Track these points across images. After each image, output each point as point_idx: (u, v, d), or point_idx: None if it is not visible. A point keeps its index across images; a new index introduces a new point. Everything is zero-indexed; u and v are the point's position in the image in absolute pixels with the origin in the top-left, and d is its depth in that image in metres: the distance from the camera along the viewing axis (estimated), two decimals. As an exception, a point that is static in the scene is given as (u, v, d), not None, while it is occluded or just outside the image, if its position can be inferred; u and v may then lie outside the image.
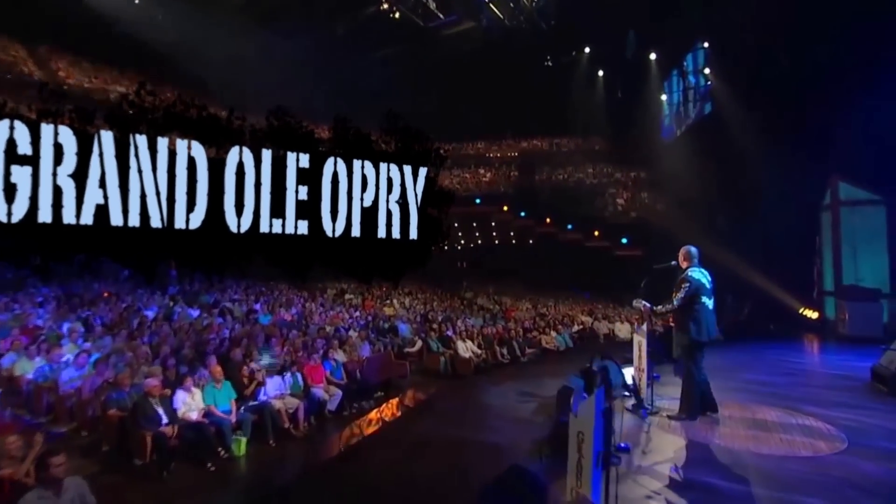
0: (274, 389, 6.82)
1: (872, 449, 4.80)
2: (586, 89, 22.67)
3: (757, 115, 13.46)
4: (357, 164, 7.30)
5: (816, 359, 9.85)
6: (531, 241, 23.96)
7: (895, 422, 5.72)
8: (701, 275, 5.87)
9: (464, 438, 5.65)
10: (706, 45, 16.78)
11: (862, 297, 11.67)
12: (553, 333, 12.94)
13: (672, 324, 6.26)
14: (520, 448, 5.04)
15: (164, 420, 5.27)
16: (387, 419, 6.88)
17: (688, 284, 5.69)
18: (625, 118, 21.85)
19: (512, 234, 25.02)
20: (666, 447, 4.93)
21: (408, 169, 8.35)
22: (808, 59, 12.37)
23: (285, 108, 7.05)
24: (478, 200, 24.32)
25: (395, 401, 7.49)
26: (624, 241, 20.93)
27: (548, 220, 23.41)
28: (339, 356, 8.84)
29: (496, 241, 25.49)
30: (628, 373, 7.44)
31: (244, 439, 5.70)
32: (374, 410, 7.26)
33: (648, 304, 6.06)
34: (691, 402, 5.83)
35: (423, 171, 9.00)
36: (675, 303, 5.70)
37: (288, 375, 7.21)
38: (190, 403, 5.67)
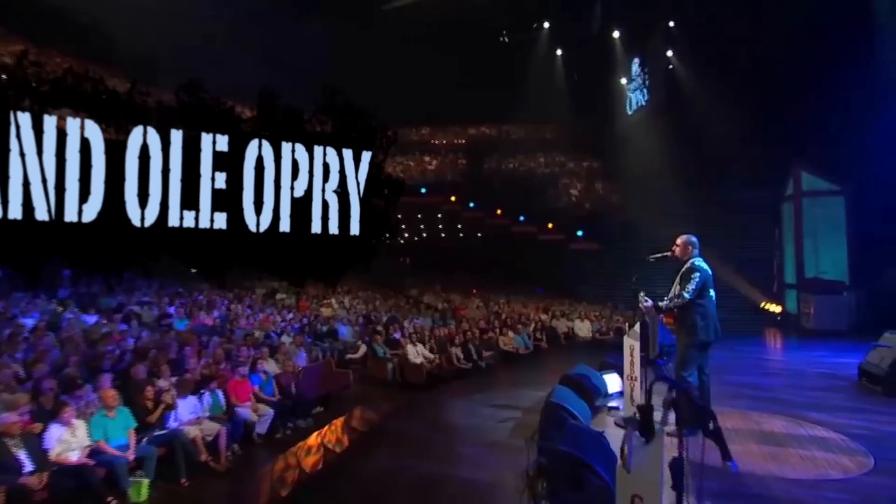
0: (188, 413, 5.95)
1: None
2: (542, 70, 22.48)
3: (720, 102, 13.76)
4: (286, 147, 6.60)
5: (793, 356, 10.07)
6: (480, 234, 23.72)
7: None
8: (707, 265, 5.56)
9: (433, 475, 4.90)
10: (671, 24, 16.95)
11: (827, 290, 12.15)
12: (511, 334, 12.65)
13: (666, 319, 5.88)
14: (506, 486, 4.43)
15: (28, 467, 4.27)
16: (331, 446, 6.17)
17: (697, 274, 5.27)
18: (581, 103, 21.97)
19: (460, 226, 24.67)
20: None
21: (348, 153, 7.71)
22: (773, 46, 12.74)
23: (200, 80, 6.31)
24: (423, 190, 23.78)
25: (339, 421, 6.82)
26: (579, 233, 21.06)
27: (498, 211, 23.24)
28: (271, 367, 8.04)
29: (443, 234, 25.07)
30: (610, 380, 7.25)
31: (146, 480, 4.76)
32: (315, 434, 6.52)
33: (650, 300, 5.53)
34: (692, 411, 5.55)
35: (366, 156, 8.36)
36: (687, 295, 5.23)
37: (206, 394, 6.35)
38: (69, 441, 4.68)
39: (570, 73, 22.13)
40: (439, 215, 24.80)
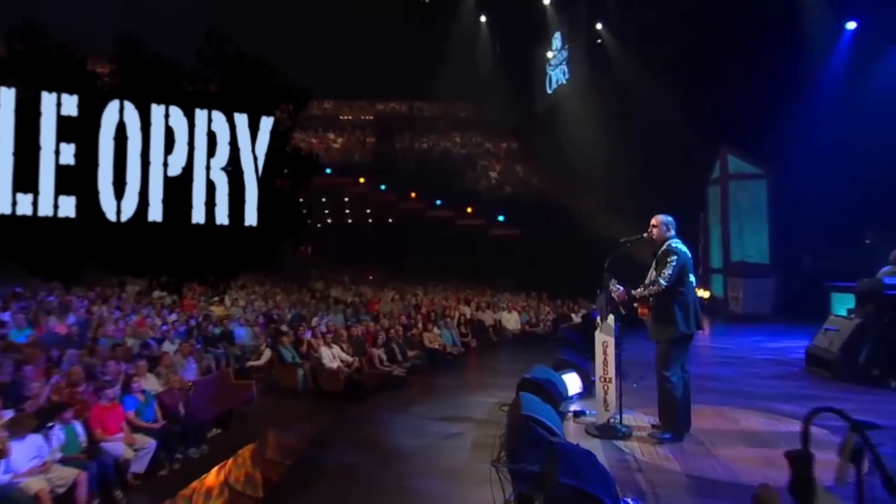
0: (27, 458, 4.55)
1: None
2: (463, 40, 21.79)
3: (649, 80, 13.98)
4: (157, 111, 5.50)
5: (733, 342, 10.34)
6: (392, 220, 22.89)
7: (879, 416, 5.71)
8: (686, 247, 5.21)
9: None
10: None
11: (754, 274, 12.84)
12: (436, 330, 11.98)
13: (642, 310, 5.49)
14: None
15: None
16: (239, 486, 5.05)
17: (675, 257, 4.96)
18: (502, 79, 21.75)
19: (369, 210, 23.67)
20: (677, 493, 4.17)
21: (241, 119, 6.67)
22: (701, 25, 13.05)
23: (39, 24, 5.11)
24: (328, 170, 22.38)
25: (247, 451, 5.68)
26: (500, 218, 20.97)
27: (412, 194, 22.53)
28: (150, 384, 6.70)
29: (350, 220, 23.91)
30: (569, 381, 6.81)
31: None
32: (216, 470, 5.35)
33: (621, 287, 5.21)
34: (674, 415, 5.14)
35: (266, 124, 7.28)
36: (663, 282, 4.92)
37: (57, 428, 4.98)
38: None
39: (493, 44, 21.75)
40: (346, 199, 23.61)
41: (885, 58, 12.26)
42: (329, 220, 24.00)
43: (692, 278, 5.25)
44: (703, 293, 14.97)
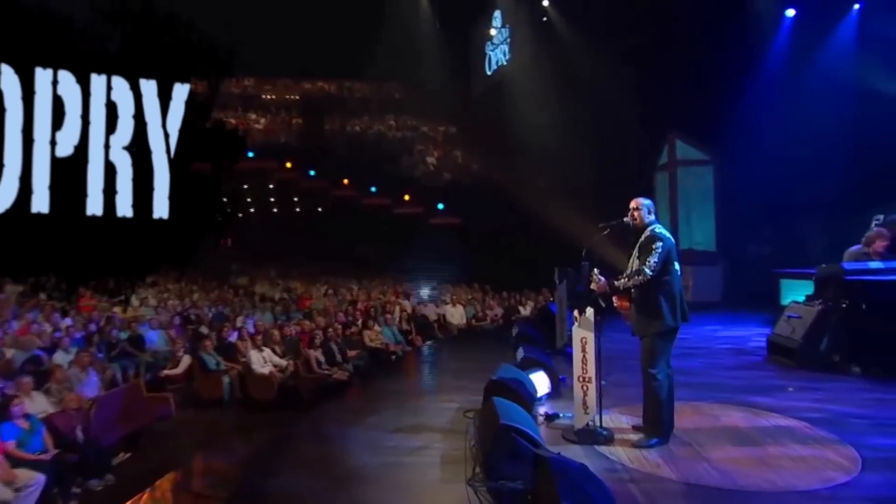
0: None
1: (882, 450, 4.66)
2: (401, 13, 20.88)
3: (596, 61, 13.90)
4: (43, 77, 4.68)
5: (690, 332, 10.28)
6: (323, 208, 21.91)
7: (850, 404, 5.85)
8: (670, 232, 4.96)
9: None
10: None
11: (703, 262, 13.09)
12: (377, 327, 11.35)
13: (620, 303, 5.18)
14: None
15: None
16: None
17: (660, 244, 4.71)
18: (439, 58, 21.20)
19: (297, 198, 22.57)
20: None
21: (149, 88, 5.85)
22: (650, 8, 13.07)
23: None
24: (250, 154, 21.01)
25: (166, 481, 4.80)
26: (440, 206, 20.56)
27: (345, 181, 21.63)
28: (38, 405, 5.73)
29: (276, 209, 22.68)
30: (537, 380, 6.43)
31: None
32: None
33: (603, 278, 4.93)
34: (659, 417, 4.88)
35: (180, 93, 6.46)
36: (648, 271, 4.66)
37: None
38: None
39: (433, 21, 21.10)
40: (271, 185, 22.34)
41: (824, 46, 12.79)
42: (252, 209, 22.65)
43: (677, 267, 5.02)
44: None
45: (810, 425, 5.29)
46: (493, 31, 20.62)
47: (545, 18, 16.33)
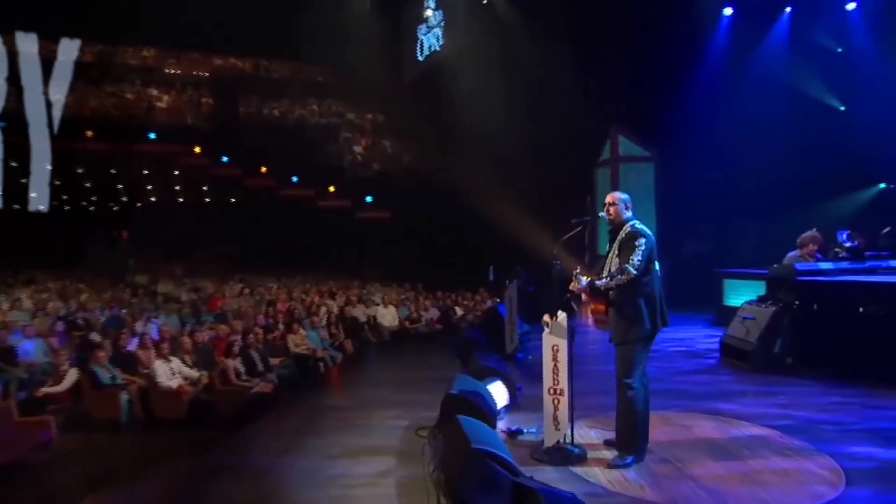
0: None
1: (859, 459, 4.66)
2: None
3: (538, 50, 13.70)
4: None
5: None
6: (236, 199, 20.53)
7: (814, 409, 5.90)
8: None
9: None
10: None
11: None
12: (302, 331, 10.51)
13: (594, 306, 4.89)
14: None
15: None
16: None
17: (643, 241, 4.53)
18: (368, 41, 20.36)
19: (207, 187, 21.08)
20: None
21: (27, 42, 4.83)
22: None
23: None
24: (152, 135, 19.21)
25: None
26: (368, 199, 19.79)
27: (262, 168, 20.35)
28: None
29: (182, 199, 21.02)
30: (497, 392, 5.96)
31: None
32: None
33: (584, 280, 4.68)
34: (635, 432, 4.62)
35: (69, 49, 5.43)
36: (633, 270, 4.44)
37: None
38: None
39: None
40: (176, 171, 20.65)
41: (760, 47, 13.30)
42: (154, 198, 20.84)
43: (657, 267, 4.82)
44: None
45: (782, 434, 5.31)
46: (427, 13, 20.07)
47: (485, 1, 15.98)
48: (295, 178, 20.31)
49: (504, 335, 8.61)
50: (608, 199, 4.95)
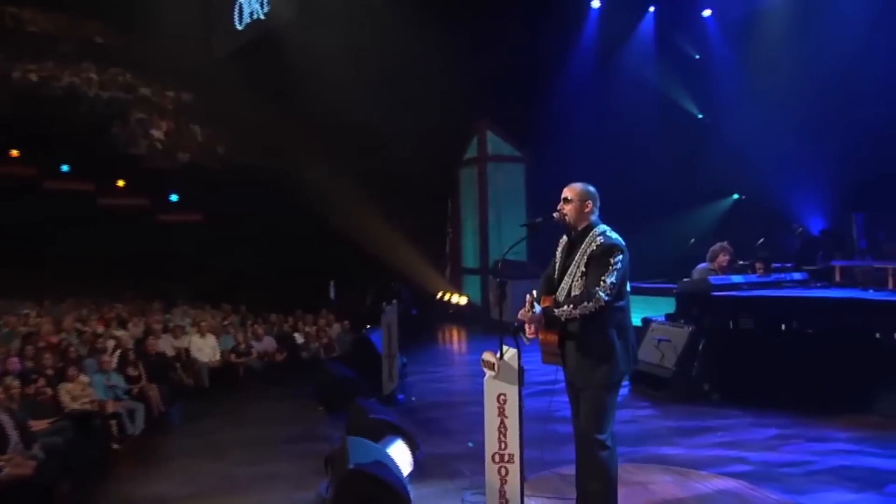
0: None
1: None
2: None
3: (397, 28, 12.65)
4: None
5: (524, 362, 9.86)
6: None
7: (762, 448, 5.74)
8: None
9: None
10: None
11: (520, 275, 12.66)
12: (83, 377, 8.21)
13: (545, 337, 4.12)
14: None
15: None
16: None
17: (620, 257, 3.92)
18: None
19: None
20: None
21: None
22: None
23: None
24: None
25: None
26: (173, 197, 17.12)
27: (14, 152, 16.61)
28: None
29: None
30: (399, 455, 4.81)
31: None
32: None
33: (539, 307, 3.94)
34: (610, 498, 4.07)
35: None
36: (603, 295, 3.76)
37: None
38: None
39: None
40: None
41: (628, 45, 13.84)
42: None
43: (629, 288, 4.22)
44: (460, 299, 14.68)
45: (750, 485, 4.98)
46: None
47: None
48: (65, 167, 16.87)
49: (380, 372, 7.45)
50: (567, 192, 4.24)
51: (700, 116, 14.60)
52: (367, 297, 13.27)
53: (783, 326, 6.97)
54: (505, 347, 4.25)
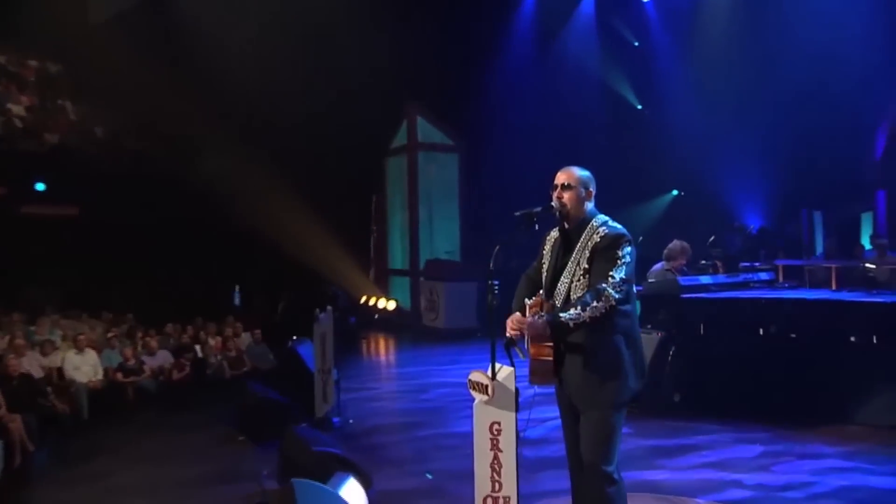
0: None
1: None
2: None
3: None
4: None
5: (461, 375, 9.41)
6: None
7: (754, 469, 5.60)
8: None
9: None
10: None
11: (458, 277, 12.14)
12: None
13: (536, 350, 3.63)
14: None
15: None
16: None
17: (629, 249, 3.60)
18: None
19: None
20: None
21: None
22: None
23: None
24: None
25: None
26: (39, 186, 15.54)
27: None
28: None
29: None
30: (352, 495, 4.24)
31: None
32: None
33: (547, 314, 3.49)
34: None
35: None
36: (613, 293, 3.44)
37: None
38: None
39: None
40: None
41: (568, 25, 13.73)
42: None
43: (635, 291, 3.87)
44: (389, 304, 14.04)
45: None
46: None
47: None
48: None
49: (311, 391, 6.72)
50: (562, 178, 3.78)
51: (639, 108, 14.74)
52: (279, 302, 12.43)
53: (761, 331, 6.88)
54: (498, 365, 3.72)
